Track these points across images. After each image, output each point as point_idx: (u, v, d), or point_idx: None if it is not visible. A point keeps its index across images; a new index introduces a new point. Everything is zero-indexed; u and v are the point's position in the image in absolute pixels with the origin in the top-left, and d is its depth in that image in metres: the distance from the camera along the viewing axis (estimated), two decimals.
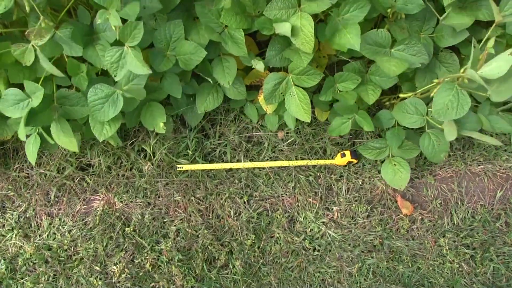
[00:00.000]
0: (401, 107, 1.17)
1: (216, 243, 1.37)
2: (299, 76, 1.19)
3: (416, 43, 1.10)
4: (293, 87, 1.20)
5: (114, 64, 1.02)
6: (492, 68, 0.89)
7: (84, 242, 1.40)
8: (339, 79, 1.24)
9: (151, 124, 1.25)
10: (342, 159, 1.39)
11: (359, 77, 1.21)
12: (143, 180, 1.42)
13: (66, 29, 1.05)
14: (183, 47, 1.10)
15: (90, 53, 1.08)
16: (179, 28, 1.10)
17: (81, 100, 1.11)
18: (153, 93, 1.25)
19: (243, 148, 1.44)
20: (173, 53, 1.12)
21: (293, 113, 1.21)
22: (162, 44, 1.11)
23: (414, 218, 1.42)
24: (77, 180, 1.45)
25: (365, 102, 1.25)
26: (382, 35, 1.11)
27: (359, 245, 1.38)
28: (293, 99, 1.20)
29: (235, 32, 1.09)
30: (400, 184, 1.29)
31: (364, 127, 1.26)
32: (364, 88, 1.24)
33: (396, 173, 1.29)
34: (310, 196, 1.41)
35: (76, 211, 1.44)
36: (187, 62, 1.11)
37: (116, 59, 1.02)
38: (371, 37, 1.11)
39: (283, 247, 1.36)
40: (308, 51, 1.03)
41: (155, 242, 1.39)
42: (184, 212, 1.40)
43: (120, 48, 1.01)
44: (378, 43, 1.12)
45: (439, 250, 1.40)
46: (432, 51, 1.18)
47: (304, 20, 1.02)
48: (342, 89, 1.25)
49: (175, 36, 1.11)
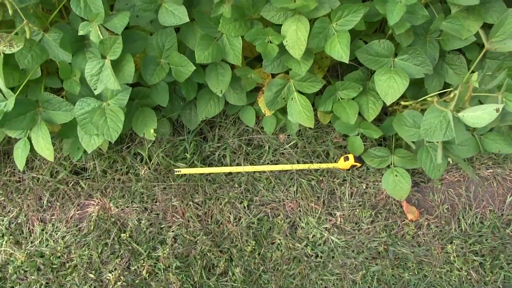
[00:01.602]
0: (399, 119, 1.16)
1: (215, 250, 1.35)
2: (300, 83, 1.19)
3: (421, 52, 1.09)
4: (295, 93, 1.20)
5: (94, 76, 1.01)
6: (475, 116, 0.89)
7: (78, 249, 1.37)
8: (340, 86, 1.24)
9: (141, 130, 1.25)
10: (345, 162, 1.37)
11: (360, 86, 1.21)
12: (139, 184, 1.40)
13: (56, 33, 1.03)
14: (173, 58, 1.09)
15: (80, 60, 1.06)
16: (171, 37, 1.09)
17: (63, 105, 1.10)
18: (145, 98, 1.25)
19: (243, 151, 1.44)
20: (166, 61, 1.12)
21: (296, 119, 1.21)
22: (155, 52, 1.11)
23: (420, 224, 1.40)
24: (71, 185, 1.43)
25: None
26: (385, 46, 1.10)
27: (363, 252, 1.36)
28: (296, 105, 1.21)
29: (233, 39, 1.07)
30: (400, 195, 1.29)
31: (373, 135, 1.27)
32: (365, 100, 1.24)
33: (396, 183, 1.29)
34: (312, 201, 1.39)
35: (70, 216, 1.42)
36: (177, 74, 1.11)
37: (97, 72, 1.01)
38: (373, 48, 1.10)
39: (285, 254, 1.35)
40: (297, 56, 1.01)
41: (152, 249, 1.37)
42: (182, 217, 1.38)
43: (101, 60, 1.00)
44: (380, 54, 1.11)
45: (446, 257, 1.37)
46: (438, 55, 1.17)
47: (300, 24, 1.00)
48: (344, 97, 1.25)
49: (168, 45, 1.10)
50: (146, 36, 1.10)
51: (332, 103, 1.27)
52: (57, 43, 1.03)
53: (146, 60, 1.12)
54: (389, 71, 1.09)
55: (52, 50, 1.05)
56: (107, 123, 1.04)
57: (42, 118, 1.10)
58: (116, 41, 0.96)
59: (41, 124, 1.10)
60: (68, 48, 1.03)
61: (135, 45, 1.09)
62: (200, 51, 1.05)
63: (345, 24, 1.02)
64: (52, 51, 1.05)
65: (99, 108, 1.05)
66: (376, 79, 1.09)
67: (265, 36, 1.06)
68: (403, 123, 1.16)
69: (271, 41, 1.06)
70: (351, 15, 1.00)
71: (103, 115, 1.05)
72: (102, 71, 0.99)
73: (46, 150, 1.11)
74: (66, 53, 1.04)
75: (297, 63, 1.09)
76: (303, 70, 1.09)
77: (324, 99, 1.26)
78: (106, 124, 1.04)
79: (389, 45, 1.10)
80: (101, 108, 1.05)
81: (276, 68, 1.16)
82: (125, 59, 1.04)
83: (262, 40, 1.06)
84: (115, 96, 1.08)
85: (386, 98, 1.07)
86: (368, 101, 1.24)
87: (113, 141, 1.04)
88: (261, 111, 1.37)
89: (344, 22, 1.02)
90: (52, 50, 1.05)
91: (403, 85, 1.06)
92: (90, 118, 1.04)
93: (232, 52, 1.09)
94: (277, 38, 1.04)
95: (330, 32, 1.03)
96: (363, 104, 1.25)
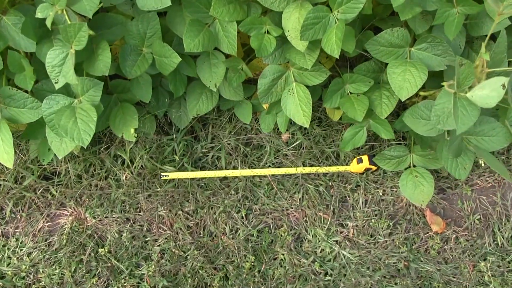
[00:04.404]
0: (413, 112, 1.10)
1: (208, 267, 1.30)
2: (302, 72, 1.16)
3: (442, 41, 1.03)
4: (293, 84, 1.16)
5: (56, 68, 0.97)
6: (484, 96, 0.86)
7: (47, 267, 1.32)
8: (349, 79, 1.20)
9: (120, 130, 1.23)
10: (358, 165, 1.33)
11: (371, 80, 1.18)
12: (120, 191, 1.36)
13: (16, 16, 0.98)
14: (156, 47, 1.07)
15: (46, 50, 1.00)
16: (154, 23, 1.06)
17: (28, 102, 1.06)
18: (125, 93, 1.22)
19: (241, 153, 1.41)
20: (149, 51, 1.09)
21: (290, 115, 1.17)
22: (136, 40, 1.08)
23: (447, 237, 1.33)
24: (40, 192, 1.38)
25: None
26: (399, 34, 1.06)
27: (379, 269, 1.29)
28: (292, 97, 1.17)
29: (227, 25, 1.05)
30: (421, 200, 1.24)
31: (382, 134, 1.22)
32: (378, 95, 1.20)
33: (417, 186, 1.25)
34: (320, 209, 1.35)
35: (38, 229, 1.36)
36: (162, 66, 1.09)
37: (59, 62, 0.97)
38: (385, 37, 1.07)
39: (289, 271, 1.29)
40: (301, 48, 1.00)
41: (135, 266, 1.32)
42: (170, 229, 1.34)
43: (65, 49, 0.96)
44: (394, 44, 1.07)
45: (479, 277, 1.29)
46: (464, 42, 1.12)
47: (303, 11, 0.98)
48: (353, 91, 1.22)
49: (150, 32, 1.07)
50: (125, 21, 1.06)
51: (339, 97, 1.23)
52: (18, 28, 0.97)
53: (126, 49, 1.08)
54: (405, 63, 1.05)
55: (12, 37, 0.99)
56: (77, 125, 1.00)
57: (3, 117, 1.05)
58: (81, 28, 0.91)
59: (1, 123, 1.05)
60: (31, 35, 0.97)
61: (113, 32, 1.06)
62: (189, 38, 1.02)
63: (347, 11, 0.97)
64: (12, 37, 0.99)
65: (68, 107, 1.02)
66: (389, 72, 1.05)
67: (262, 26, 1.04)
68: (419, 116, 1.09)
69: (268, 32, 1.04)
70: (353, 1, 0.95)
71: (72, 115, 1.01)
72: (65, 63, 0.96)
73: (5, 154, 1.06)
74: (29, 41, 0.99)
75: (301, 56, 1.07)
76: (309, 64, 1.06)
77: (331, 94, 1.22)
78: (76, 126, 1.00)
79: (404, 33, 1.05)
80: (71, 107, 1.02)
81: (277, 59, 1.13)
82: (100, 47, 1.01)
83: (258, 31, 1.04)
84: (86, 92, 1.04)
85: (400, 93, 1.04)
86: (381, 95, 1.19)
87: (85, 146, 1.00)
88: (260, 106, 1.34)
89: (346, 9, 0.97)
90: (12, 37, 0.99)
91: (420, 78, 1.02)
92: (58, 120, 1.00)
93: (226, 40, 1.06)
94: (276, 30, 1.03)
95: (331, 21, 0.99)
96: (375, 99, 1.20)
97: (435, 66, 1.05)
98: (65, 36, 0.92)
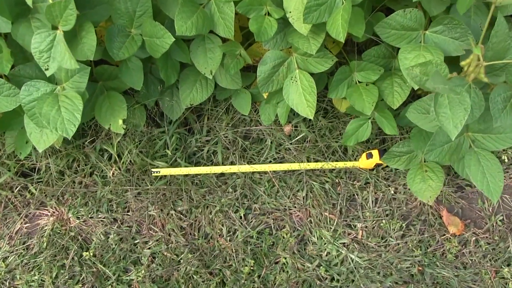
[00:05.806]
0: (417, 106, 1.08)
1: (203, 271, 1.27)
2: (305, 58, 1.14)
3: (460, 23, 0.99)
4: (296, 71, 1.15)
5: (44, 53, 0.94)
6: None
7: (25, 273, 1.29)
8: (356, 67, 1.19)
9: (107, 121, 1.20)
10: (368, 160, 1.29)
11: (381, 68, 1.16)
12: (107, 189, 1.35)
13: None
14: (147, 27, 1.05)
15: (23, 30, 0.98)
16: (145, 0, 1.03)
17: (4, 88, 1.04)
18: (113, 80, 1.20)
19: (239, 147, 1.39)
20: (138, 32, 1.06)
21: (293, 105, 1.16)
22: (124, 20, 1.05)
23: (466, 240, 1.30)
24: (17, 190, 1.36)
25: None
26: (412, 16, 1.03)
27: (391, 274, 1.26)
28: (295, 86, 1.15)
29: (224, 5, 1.02)
30: (428, 196, 1.21)
31: (385, 129, 1.20)
32: (390, 82, 1.18)
33: (425, 180, 1.22)
34: (326, 209, 1.33)
35: (15, 231, 1.34)
36: (152, 48, 1.07)
37: (47, 47, 0.94)
38: (397, 19, 1.04)
39: (291, 276, 1.26)
40: (303, 31, 0.98)
41: (123, 271, 1.29)
42: (161, 230, 1.32)
43: (52, 32, 0.93)
44: (406, 26, 1.05)
45: (502, 284, 1.25)
46: (486, 22, 1.07)
47: None
48: (362, 80, 1.20)
49: (140, 10, 1.04)
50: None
51: (346, 88, 1.21)
52: None
53: (113, 30, 1.05)
54: (418, 47, 1.02)
55: None
56: (61, 113, 0.98)
57: None
58: (68, 5, 0.88)
59: None
60: (6, 14, 0.94)
61: (98, 11, 1.03)
62: (181, 20, 0.99)
63: None
64: None
65: (51, 94, 0.99)
66: (401, 58, 1.02)
67: (262, 7, 1.01)
68: (424, 110, 1.06)
69: (269, 13, 1.01)
70: None
71: (55, 103, 0.98)
72: (54, 46, 0.93)
73: None
74: (4, 20, 0.96)
75: (305, 40, 1.04)
76: (313, 49, 1.04)
77: (337, 83, 1.20)
78: (60, 115, 0.97)
79: (418, 14, 1.02)
80: (53, 94, 0.99)
81: (278, 44, 1.11)
82: (84, 29, 0.98)
83: (258, 12, 1.02)
84: (70, 78, 1.01)
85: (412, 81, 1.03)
86: (393, 83, 1.17)
87: (69, 137, 0.98)
88: (260, 96, 1.32)
89: None
90: None
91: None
92: (39, 109, 0.97)
93: (223, 22, 1.03)
94: (277, 11, 1.00)
95: (337, 2, 0.97)
96: (387, 87, 1.18)
97: (452, 51, 1.00)
98: (50, 16, 0.89)
